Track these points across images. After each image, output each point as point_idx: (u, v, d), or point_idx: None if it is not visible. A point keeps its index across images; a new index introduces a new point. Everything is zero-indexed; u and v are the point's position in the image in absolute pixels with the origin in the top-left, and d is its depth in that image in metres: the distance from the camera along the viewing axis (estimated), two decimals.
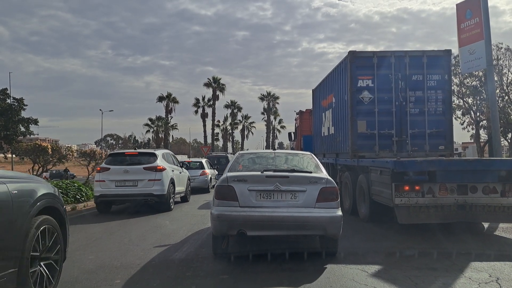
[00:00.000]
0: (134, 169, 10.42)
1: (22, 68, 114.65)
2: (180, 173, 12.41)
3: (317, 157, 6.53)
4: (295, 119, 20.38)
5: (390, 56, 9.13)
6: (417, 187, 6.56)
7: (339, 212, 5.17)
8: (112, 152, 13.10)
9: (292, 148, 21.04)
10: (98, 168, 11.11)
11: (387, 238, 6.88)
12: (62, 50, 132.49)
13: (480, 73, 29.87)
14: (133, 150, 12.25)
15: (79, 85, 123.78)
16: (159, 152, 11.27)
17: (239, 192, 5.14)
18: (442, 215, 6.58)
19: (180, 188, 12.13)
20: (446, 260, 5.20)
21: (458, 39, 11.06)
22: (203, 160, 18.97)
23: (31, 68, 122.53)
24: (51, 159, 15.84)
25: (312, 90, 14.72)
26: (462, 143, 76.80)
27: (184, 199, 13.00)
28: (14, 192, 3.38)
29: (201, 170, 17.38)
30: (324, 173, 5.66)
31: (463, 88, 33.56)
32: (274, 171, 5.47)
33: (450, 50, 9.24)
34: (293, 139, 20.99)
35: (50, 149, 15.71)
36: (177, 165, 12.45)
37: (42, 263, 3.67)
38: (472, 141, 57.31)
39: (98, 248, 6.19)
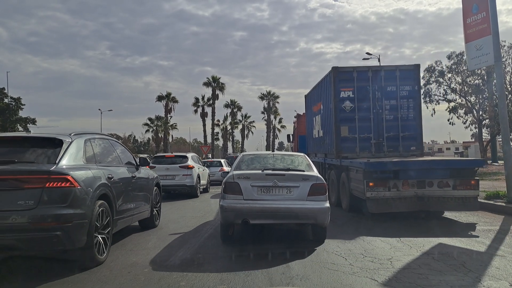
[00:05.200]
0: (172, 167, 14.76)
1: (21, 68, 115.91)
2: (203, 170, 16.79)
3: (310, 157, 7.92)
4: (294, 122, 21.97)
5: (367, 71, 10.61)
6: (384, 183, 8.05)
7: (327, 204, 6.11)
8: (156, 155, 18.38)
9: (291, 148, 22.79)
10: (147, 167, 13.85)
11: (387, 233, 7.10)
12: (60, 51, 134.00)
13: (483, 71, 29.61)
14: (171, 154, 18.03)
15: (78, 85, 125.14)
16: (189, 155, 15.82)
17: (243, 188, 6.06)
18: (404, 205, 8.08)
19: (203, 181, 16.40)
20: (460, 265, 4.99)
21: (464, 35, 10.48)
22: (222, 160, 25.27)
23: (30, 68, 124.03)
24: None
25: (305, 95, 16.19)
26: (463, 142, 75.09)
27: (205, 190, 17.08)
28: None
29: (220, 167, 22.52)
30: (315, 172, 6.58)
31: (465, 87, 33.66)
32: (273, 170, 6.40)
33: (419, 65, 10.67)
34: (291, 140, 22.71)
35: None
36: (200, 165, 16.78)
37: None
38: (473, 140, 55.95)
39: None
